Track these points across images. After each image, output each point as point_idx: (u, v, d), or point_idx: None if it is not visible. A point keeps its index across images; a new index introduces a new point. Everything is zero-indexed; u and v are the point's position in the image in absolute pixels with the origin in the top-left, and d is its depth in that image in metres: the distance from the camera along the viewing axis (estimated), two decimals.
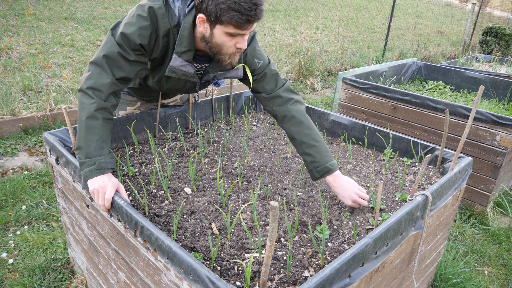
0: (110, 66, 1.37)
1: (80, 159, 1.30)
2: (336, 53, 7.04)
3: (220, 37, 1.34)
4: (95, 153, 1.29)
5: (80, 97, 1.35)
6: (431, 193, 1.32)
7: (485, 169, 2.53)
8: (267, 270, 0.89)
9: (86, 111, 1.32)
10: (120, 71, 1.39)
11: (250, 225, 1.30)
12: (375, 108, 3.01)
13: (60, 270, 1.97)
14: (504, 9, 18.30)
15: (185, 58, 1.46)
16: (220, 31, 1.33)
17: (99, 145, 1.31)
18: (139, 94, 1.87)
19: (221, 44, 1.37)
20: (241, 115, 2.40)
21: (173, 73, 1.48)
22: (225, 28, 1.30)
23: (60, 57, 5.23)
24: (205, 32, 1.37)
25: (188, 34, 1.40)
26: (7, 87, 3.82)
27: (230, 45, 1.37)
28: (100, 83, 1.34)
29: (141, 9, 1.38)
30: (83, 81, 1.35)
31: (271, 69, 1.64)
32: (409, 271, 1.44)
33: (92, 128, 1.31)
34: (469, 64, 4.86)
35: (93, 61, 1.37)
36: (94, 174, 1.27)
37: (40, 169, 2.90)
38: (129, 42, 1.37)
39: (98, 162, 1.28)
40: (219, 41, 1.36)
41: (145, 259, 1.11)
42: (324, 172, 1.45)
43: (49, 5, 7.44)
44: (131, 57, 1.39)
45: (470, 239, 2.46)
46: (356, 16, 10.38)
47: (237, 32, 1.32)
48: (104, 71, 1.36)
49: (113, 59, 1.37)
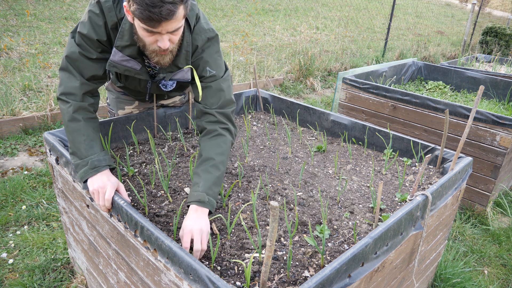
0: (75, 67, 1.38)
1: (75, 162, 1.31)
2: (336, 53, 7.04)
3: (139, 30, 1.25)
4: (86, 153, 1.30)
5: (60, 105, 1.39)
6: (431, 193, 1.32)
7: (485, 169, 2.53)
8: (267, 270, 0.89)
9: (66, 115, 1.34)
10: (86, 70, 1.39)
11: (250, 225, 1.30)
12: (375, 108, 3.01)
13: (60, 270, 1.97)
14: (504, 9, 18.30)
15: (127, 53, 1.38)
16: (138, 25, 1.24)
17: (87, 144, 1.32)
18: (131, 93, 1.83)
19: (143, 39, 1.29)
20: (241, 115, 2.40)
21: (114, 67, 1.41)
22: (140, 22, 1.20)
23: (60, 57, 5.23)
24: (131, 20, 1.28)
25: (129, 28, 1.33)
26: (7, 87, 3.82)
27: (150, 41, 1.26)
28: (71, 86, 1.36)
29: (91, 6, 1.36)
30: (57, 89, 1.39)
31: (220, 84, 1.49)
32: (409, 271, 1.44)
33: (76, 130, 1.33)
34: (469, 64, 4.86)
35: (60, 68, 1.40)
36: (90, 173, 1.27)
37: (40, 169, 2.90)
38: (87, 39, 1.36)
39: (90, 162, 1.29)
40: (140, 35, 1.28)
41: (145, 259, 1.11)
42: (197, 199, 1.22)
43: (49, 5, 7.44)
44: (93, 55, 1.38)
45: (470, 239, 2.46)
46: (356, 16, 10.38)
47: (148, 28, 1.20)
48: (72, 74, 1.38)
49: (76, 59, 1.37)
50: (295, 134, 2.16)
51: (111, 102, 1.92)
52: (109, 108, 1.96)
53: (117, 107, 1.92)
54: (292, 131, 2.20)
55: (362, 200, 1.50)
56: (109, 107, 1.96)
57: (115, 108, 1.92)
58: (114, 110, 1.93)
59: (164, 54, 1.34)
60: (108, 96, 1.94)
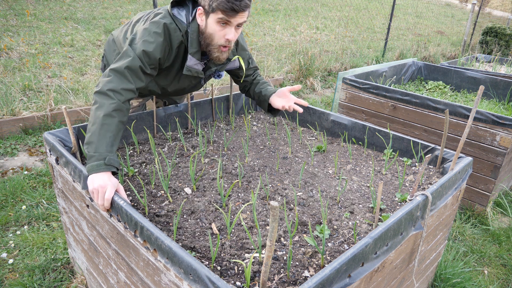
0: (131, 76, 1.50)
1: (89, 152, 1.32)
2: (336, 53, 7.04)
3: (212, 26, 1.54)
4: (105, 149, 1.33)
5: (98, 98, 1.42)
6: (431, 193, 1.31)
7: (485, 169, 2.53)
8: (267, 270, 0.89)
9: (105, 109, 1.39)
10: (139, 81, 1.53)
11: (250, 225, 1.30)
12: (375, 108, 3.01)
13: (60, 270, 1.97)
14: (504, 9, 18.30)
15: (196, 57, 1.65)
16: (212, 20, 1.53)
17: (111, 142, 1.36)
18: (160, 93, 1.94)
19: (213, 34, 1.56)
20: (241, 115, 2.40)
21: (189, 71, 1.67)
22: (216, 15, 1.50)
23: (60, 57, 5.23)
24: (202, 25, 1.58)
25: (196, 37, 1.61)
26: (7, 87, 3.82)
27: (220, 35, 1.55)
28: (121, 87, 1.45)
29: (155, 27, 1.56)
30: (103, 84, 1.44)
31: (252, 58, 1.96)
32: (409, 271, 1.44)
33: (107, 125, 1.37)
34: (469, 64, 4.86)
35: (115, 69, 1.48)
36: (101, 169, 1.28)
37: (40, 169, 2.90)
38: (150, 58, 1.54)
39: (108, 158, 1.31)
40: (211, 31, 1.55)
41: (145, 259, 1.11)
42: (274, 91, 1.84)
43: (49, 5, 7.43)
44: (147, 70, 1.55)
45: (470, 239, 2.46)
46: (356, 16, 10.38)
47: (227, 19, 1.50)
48: (126, 79, 1.48)
49: (135, 71, 1.51)
50: (295, 134, 2.16)
51: None
52: None
53: None
54: (292, 131, 2.20)
55: (362, 200, 1.50)
56: None
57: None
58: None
59: (224, 51, 1.63)
60: None
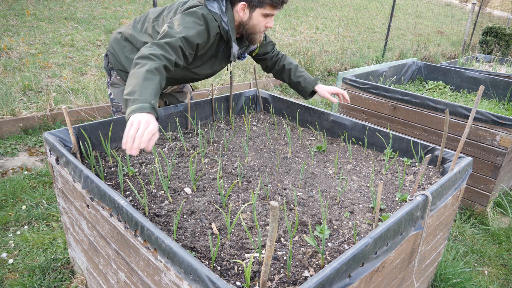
0: (171, 50, 1.58)
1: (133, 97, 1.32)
2: (336, 53, 7.04)
3: (257, 18, 1.77)
4: (149, 98, 1.34)
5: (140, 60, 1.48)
6: (431, 193, 1.32)
7: (485, 169, 2.53)
8: (267, 270, 0.89)
9: (147, 67, 1.44)
10: (178, 58, 1.61)
11: (250, 225, 1.30)
12: (375, 108, 3.01)
13: (60, 270, 1.97)
14: (504, 9, 18.30)
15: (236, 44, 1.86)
16: (258, 14, 1.76)
17: (154, 93, 1.38)
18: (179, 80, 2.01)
19: (257, 25, 1.79)
20: (241, 115, 2.40)
21: (233, 57, 1.89)
22: (263, 10, 1.74)
23: (60, 57, 5.23)
24: (243, 17, 1.78)
25: (234, 26, 1.79)
26: (7, 87, 3.82)
27: (262, 25, 1.80)
28: (162, 54, 1.53)
29: (195, 16, 1.68)
30: (144, 50, 1.51)
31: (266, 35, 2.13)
32: (409, 271, 1.44)
33: (150, 80, 1.41)
34: (469, 64, 4.86)
35: (156, 43, 1.56)
36: (146, 110, 1.28)
37: (40, 169, 2.90)
38: (189, 43, 1.65)
39: (153, 103, 1.33)
40: (255, 22, 1.78)
41: (145, 259, 1.11)
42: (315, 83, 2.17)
43: (49, 5, 7.43)
44: (186, 52, 1.66)
45: (470, 239, 2.47)
46: (356, 16, 10.38)
47: (271, 13, 1.76)
48: (167, 51, 1.56)
49: (175, 48, 1.59)
50: (295, 134, 2.16)
51: (116, 96, 2.06)
52: (114, 102, 2.08)
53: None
54: (292, 131, 2.20)
55: (362, 200, 1.50)
56: (114, 102, 2.08)
57: (121, 100, 2.05)
58: (120, 102, 2.05)
59: (262, 34, 1.87)
60: (112, 92, 2.07)
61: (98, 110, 3.82)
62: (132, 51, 1.92)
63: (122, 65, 1.97)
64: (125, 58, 1.93)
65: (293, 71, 2.18)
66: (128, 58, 1.93)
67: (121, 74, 2.00)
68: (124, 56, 1.94)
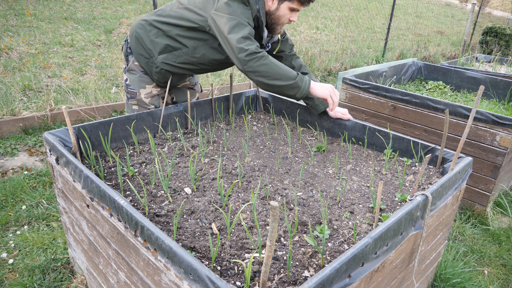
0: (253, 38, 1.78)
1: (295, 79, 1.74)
2: (336, 53, 7.04)
3: (283, 10, 1.85)
4: (295, 74, 1.76)
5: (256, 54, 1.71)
6: (431, 193, 1.32)
7: (485, 169, 2.53)
8: (267, 270, 0.89)
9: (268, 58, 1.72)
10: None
11: (250, 225, 1.30)
12: (375, 108, 3.01)
13: (60, 270, 1.97)
14: (504, 9, 18.30)
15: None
16: (285, 6, 1.84)
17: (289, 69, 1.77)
18: (156, 78, 2.06)
19: (282, 16, 1.88)
20: (241, 115, 2.40)
21: (264, 40, 1.98)
22: (291, 4, 1.83)
23: (60, 57, 5.23)
24: (271, 6, 1.87)
25: (264, 12, 1.87)
26: (7, 87, 3.82)
27: (286, 18, 1.89)
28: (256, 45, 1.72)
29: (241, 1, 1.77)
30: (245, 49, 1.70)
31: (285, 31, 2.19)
32: (409, 271, 1.44)
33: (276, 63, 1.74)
34: (469, 64, 4.86)
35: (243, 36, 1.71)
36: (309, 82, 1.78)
37: (40, 169, 2.90)
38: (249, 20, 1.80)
39: (308, 76, 1.81)
40: (281, 14, 1.87)
41: (145, 259, 1.11)
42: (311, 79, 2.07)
43: (49, 5, 7.44)
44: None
45: (470, 239, 2.47)
46: (356, 16, 10.38)
47: (297, 8, 1.85)
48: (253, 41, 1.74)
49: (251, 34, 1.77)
50: (295, 134, 2.16)
51: (132, 82, 2.08)
52: (129, 89, 2.09)
53: (139, 86, 2.07)
54: (292, 131, 2.20)
55: (362, 200, 1.50)
56: (129, 88, 2.09)
57: (136, 87, 2.07)
58: (135, 89, 2.08)
59: (282, 26, 1.95)
60: (128, 77, 2.09)
61: (98, 110, 3.82)
62: (157, 35, 1.96)
63: (145, 48, 1.99)
64: (150, 41, 1.97)
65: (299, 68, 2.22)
66: (153, 41, 1.97)
67: (140, 58, 2.02)
68: (150, 40, 1.97)
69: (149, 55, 2.00)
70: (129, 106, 2.13)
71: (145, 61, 2.01)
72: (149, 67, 2.03)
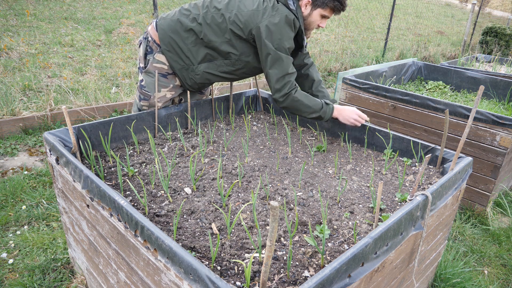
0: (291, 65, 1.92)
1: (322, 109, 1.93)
2: (336, 53, 7.04)
3: (315, 17, 1.93)
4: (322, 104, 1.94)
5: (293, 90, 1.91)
6: (431, 193, 1.32)
7: (485, 169, 2.53)
8: (267, 270, 0.89)
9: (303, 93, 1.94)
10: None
11: (250, 225, 1.30)
12: (375, 108, 3.01)
13: (60, 270, 1.97)
14: (504, 9, 18.30)
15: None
16: (318, 13, 1.92)
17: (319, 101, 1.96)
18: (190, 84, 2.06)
19: (313, 22, 1.96)
20: (241, 115, 2.40)
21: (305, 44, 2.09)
22: (323, 11, 1.91)
23: (60, 57, 5.23)
24: (304, 12, 1.93)
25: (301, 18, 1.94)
26: (7, 87, 3.82)
27: (316, 24, 1.96)
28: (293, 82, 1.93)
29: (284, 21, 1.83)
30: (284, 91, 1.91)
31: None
32: (409, 271, 1.44)
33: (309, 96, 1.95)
34: (469, 64, 4.86)
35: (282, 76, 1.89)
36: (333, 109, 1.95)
37: (40, 169, 2.90)
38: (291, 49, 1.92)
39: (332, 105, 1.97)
40: (312, 20, 1.95)
41: (145, 259, 1.11)
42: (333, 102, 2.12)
43: (49, 5, 7.44)
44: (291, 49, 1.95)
45: (470, 239, 2.47)
46: (356, 16, 10.38)
47: (328, 15, 1.93)
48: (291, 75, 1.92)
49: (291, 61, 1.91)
50: (295, 134, 2.16)
51: (148, 85, 2.02)
52: (144, 90, 2.03)
53: (155, 89, 2.00)
54: (292, 131, 2.20)
55: (362, 200, 1.50)
56: (144, 89, 2.03)
57: (152, 91, 2.02)
58: (150, 92, 2.02)
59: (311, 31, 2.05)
60: (144, 79, 2.03)
61: (98, 110, 3.82)
62: (195, 43, 1.94)
63: (181, 56, 1.96)
64: (188, 49, 1.94)
65: (316, 84, 2.22)
66: (190, 50, 1.94)
67: (174, 64, 1.98)
68: (187, 48, 1.94)
69: (185, 63, 1.96)
70: (139, 106, 2.09)
71: (180, 67, 1.98)
72: (185, 73, 2.00)
